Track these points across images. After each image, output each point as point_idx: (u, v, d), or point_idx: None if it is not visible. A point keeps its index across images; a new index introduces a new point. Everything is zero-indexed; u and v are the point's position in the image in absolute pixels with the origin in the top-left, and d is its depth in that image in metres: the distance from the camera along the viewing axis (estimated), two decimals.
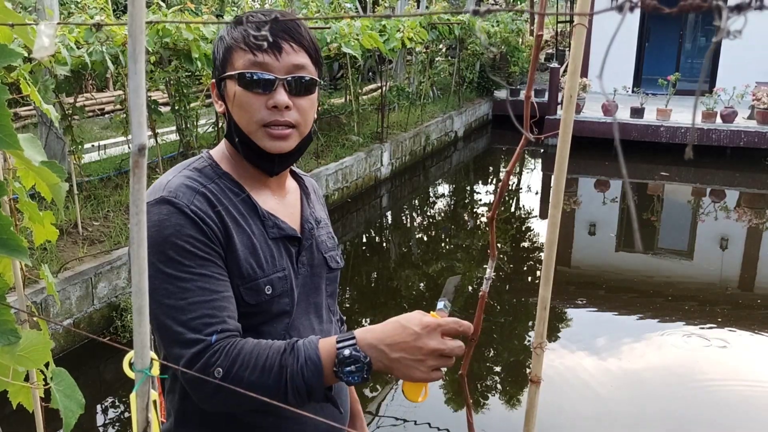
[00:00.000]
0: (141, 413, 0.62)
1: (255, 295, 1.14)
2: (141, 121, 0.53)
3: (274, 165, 1.20)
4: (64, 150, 5.51)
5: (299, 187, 1.34)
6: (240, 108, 1.15)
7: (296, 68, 1.14)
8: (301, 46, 1.15)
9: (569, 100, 0.73)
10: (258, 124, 1.14)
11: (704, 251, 6.77)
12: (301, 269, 1.24)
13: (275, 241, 1.20)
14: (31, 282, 3.67)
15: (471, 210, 8.46)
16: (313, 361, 1.02)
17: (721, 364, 4.44)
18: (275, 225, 1.20)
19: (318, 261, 1.28)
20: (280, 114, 1.14)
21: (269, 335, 1.17)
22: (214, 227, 1.11)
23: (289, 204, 1.28)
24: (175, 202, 1.10)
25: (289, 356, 1.03)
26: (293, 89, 1.14)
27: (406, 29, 8.57)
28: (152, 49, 4.97)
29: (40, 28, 0.64)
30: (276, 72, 1.13)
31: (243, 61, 1.13)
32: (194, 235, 1.09)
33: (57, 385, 1.01)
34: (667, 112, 10.56)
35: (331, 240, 1.34)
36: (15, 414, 1.65)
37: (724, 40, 1.84)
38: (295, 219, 1.27)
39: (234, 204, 1.17)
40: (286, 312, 1.19)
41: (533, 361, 0.82)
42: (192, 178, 1.17)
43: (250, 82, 1.13)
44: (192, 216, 1.10)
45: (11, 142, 0.75)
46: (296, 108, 1.15)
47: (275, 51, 1.13)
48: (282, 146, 1.16)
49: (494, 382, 4.28)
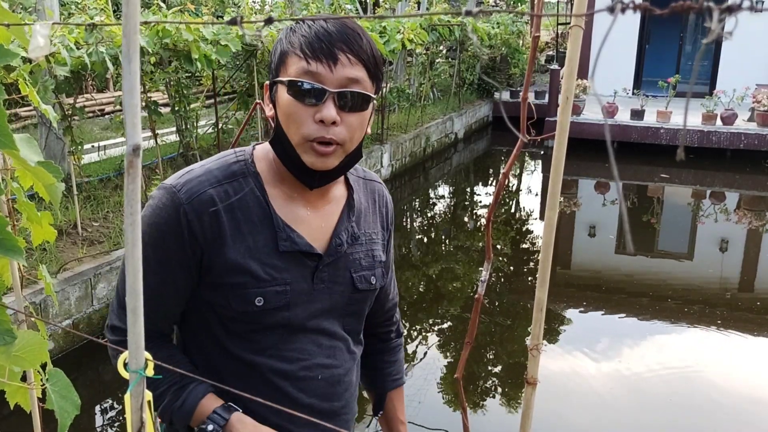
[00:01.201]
0: (135, 414, 0.62)
1: (242, 303, 1.12)
2: (135, 122, 0.53)
3: (314, 181, 1.15)
4: (63, 150, 5.51)
5: (347, 197, 1.25)
6: (287, 117, 1.10)
7: (350, 82, 1.08)
8: (359, 58, 1.09)
9: (565, 102, 0.73)
10: (304, 138, 1.08)
11: (704, 253, 6.77)
12: (318, 285, 1.18)
13: (286, 254, 1.15)
14: (30, 282, 3.67)
15: (471, 211, 8.46)
16: (184, 411, 1.13)
17: (720, 366, 4.44)
18: (289, 238, 1.15)
19: (343, 279, 1.21)
20: (326, 130, 1.08)
21: (260, 344, 1.16)
22: (198, 231, 1.11)
23: (324, 216, 1.21)
24: (175, 196, 1.11)
25: (172, 393, 1.13)
26: (344, 104, 1.08)
27: (407, 31, 8.57)
28: (152, 49, 4.98)
29: (36, 28, 0.64)
30: (327, 84, 1.07)
31: (296, 67, 1.07)
32: (173, 233, 1.11)
33: (53, 386, 1.01)
34: (667, 114, 10.57)
35: (368, 258, 1.25)
36: (13, 414, 1.65)
37: (724, 42, 1.83)
38: (324, 233, 1.20)
39: (247, 208, 1.14)
40: (282, 325, 1.16)
41: (529, 363, 0.82)
42: (212, 172, 1.15)
43: (300, 92, 1.07)
44: (182, 213, 1.10)
45: (7, 142, 0.75)
46: (344, 124, 1.09)
47: (330, 61, 1.06)
48: (324, 163, 1.11)
49: (492, 384, 4.28)
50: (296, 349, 1.18)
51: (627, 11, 0.37)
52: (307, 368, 1.19)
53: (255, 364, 1.16)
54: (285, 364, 1.17)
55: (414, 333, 4.95)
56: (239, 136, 2.36)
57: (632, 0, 0.36)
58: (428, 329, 5.00)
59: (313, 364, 1.19)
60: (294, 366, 1.18)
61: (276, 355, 1.17)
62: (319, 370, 1.20)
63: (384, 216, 1.33)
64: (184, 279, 1.13)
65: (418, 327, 5.04)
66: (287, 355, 1.17)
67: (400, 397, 1.47)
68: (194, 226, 1.10)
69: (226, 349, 1.17)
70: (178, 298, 1.16)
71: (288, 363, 1.17)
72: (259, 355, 1.16)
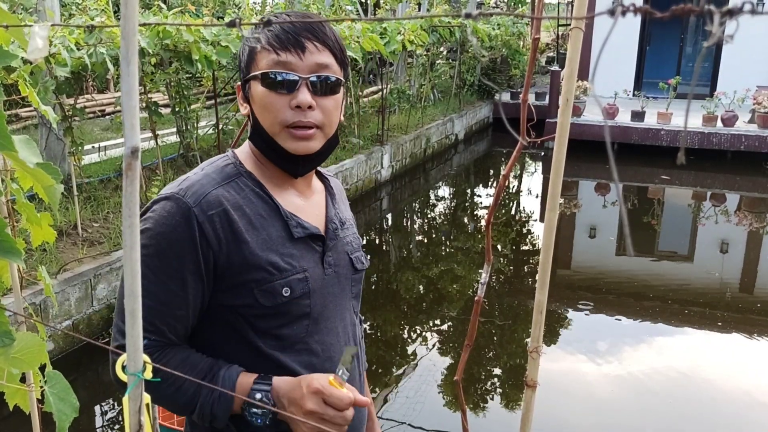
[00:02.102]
0: (133, 416, 0.61)
1: (270, 297, 1.13)
2: (134, 123, 0.53)
3: (298, 166, 1.19)
4: (64, 151, 5.51)
5: (325, 187, 1.32)
6: (263, 108, 1.14)
7: (320, 68, 1.13)
8: (326, 45, 1.14)
9: (565, 104, 0.73)
10: (281, 124, 1.13)
11: (705, 255, 6.76)
12: (327, 270, 1.22)
13: (299, 241, 1.18)
14: (29, 283, 3.67)
15: (471, 213, 8.46)
16: (225, 397, 1.08)
17: (721, 368, 4.43)
18: (299, 224, 1.18)
19: (344, 262, 1.26)
20: (303, 114, 1.12)
21: (289, 339, 1.17)
22: (211, 233, 1.10)
23: (315, 204, 1.27)
24: (181, 201, 1.10)
25: (207, 384, 1.09)
26: (317, 89, 1.13)
27: (407, 32, 8.58)
28: (153, 50, 4.98)
29: (34, 30, 0.64)
30: (299, 71, 1.12)
31: (266, 61, 1.13)
32: (184, 240, 1.09)
33: (51, 388, 1.01)
34: (668, 115, 10.56)
35: (356, 240, 1.32)
36: (12, 415, 1.64)
37: (725, 44, 1.83)
38: (320, 219, 1.25)
39: (252, 204, 1.16)
40: (306, 314, 1.18)
41: (529, 365, 0.81)
42: (210, 176, 1.16)
43: (274, 82, 1.12)
44: (192, 218, 1.10)
45: (6, 144, 0.75)
46: (320, 108, 1.14)
47: (298, 50, 1.12)
48: (306, 147, 1.15)
49: (492, 386, 4.28)
50: (320, 341, 1.20)
51: (627, 14, 0.37)
52: (330, 358, 1.21)
53: (285, 363, 1.16)
54: (313, 358, 1.19)
55: (414, 334, 4.94)
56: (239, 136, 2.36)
57: (632, 3, 0.36)
58: (428, 330, 5.00)
59: (335, 353, 1.22)
60: (320, 358, 1.20)
61: (304, 350, 1.18)
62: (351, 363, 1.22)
63: (348, 206, 1.42)
64: (195, 286, 1.11)
65: (418, 328, 5.04)
66: (314, 347, 1.19)
67: (365, 381, 1.51)
68: (206, 228, 1.10)
69: (259, 350, 1.15)
70: (188, 308, 1.13)
71: (315, 356, 1.19)
72: (288, 351, 1.17)
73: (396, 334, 4.92)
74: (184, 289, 1.10)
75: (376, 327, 4.95)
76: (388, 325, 5.04)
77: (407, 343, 4.81)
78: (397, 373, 4.30)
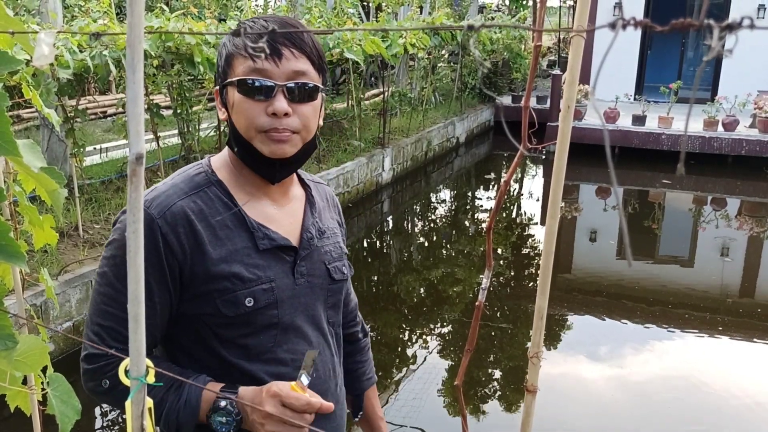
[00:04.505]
0: (136, 421, 0.62)
1: (233, 307, 1.13)
2: (139, 130, 0.53)
3: (275, 171, 1.19)
4: (65, 153, 5.51)
5: (305, 195, 1.31)
6: (240, 114, 1.13)
7: (297, 74, 1.13)
8: (303, 52, 1.14)
9: (566, 111, 0.73)
10: (257, 130, 1.13)
11: (705, 259, 6.76)
12: (299, 279, 1.21)
13: (266, 252, 1.17)
14: (30, 285, 3.68)
15: (472, 216, 8.46)
16: (190, 405, 1.09)
17: (722, 372, 4.43)
18: (266, 236, 1.18)
19: (320, 272, 1.25)
20: (279, 122, 1.12)
21: (255, 349, 1.17)
22: (175, 244, 1.11)
23: (291, 213, 1.25)
24: (146, 213, 1.10)
25: (173, 394, 1.10)
26: (294, 96, 1.13)
27: (409, 35, 8.59)
28: (155, 53, 4.99)
29: (40, 37, 0.65)
30: (276, 78, 1.12)
31: (243, 67, 1.12)
32: (148, 251, 1.09)
33: (53, 391, 1.02)
34: (669, 119, 10.57)
35: (337, 250, 1.31)
36: (13, 416, 1.65)
37: (724, 58, 1.82)
38: (294, 228, 1.24)
39: (219, 215, 1.16)
40: (274, 324, 1.18)
41: (529, 371, 0.82)
42: (178, 186, 1.16)
43: (250, 89, 1.12)
44: (156, 229, 1.10)
45: (10, 149, 0.75)
46: (297, 114, 1.14)
47: (275, 57, 1.11)
48: (282, 150, 1.14)
49: (493, 390, 4.28)
50: (289, 350, 1.20)
51: (627, 27, 0.37)
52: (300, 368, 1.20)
53: (252, 372, 1.17)
54: (281, 367, 1.19)
55: (414, 338, 4.94)
56: None
57: (633, 17, 0.36)
58: (429, 334, 4.99)
59: None
60: (289, 367, 1.19)
61: (272, 359, 1.18)
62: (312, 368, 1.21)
63: (338, 214, 1.41)
64: (162, 295, 1.12)
65: (418, 332, 5.03)
66: (282, 357, 1.19)
67: (376, 395, 1.53)
68: (170, 239, 1.11)
69: (224, 359, 1.17)
70: (156, 316, 1.14)
71: (283, 365, 1.19)
72: (255, 361, 1.17)
73: (396, 337, 4.92)
74: (150, 299, 1.10)
75: (377, 330, 4.95)
76: (388, 327, 5.04)
77: (407, 346, 4.81)
78: (397, 376, 4.31)
